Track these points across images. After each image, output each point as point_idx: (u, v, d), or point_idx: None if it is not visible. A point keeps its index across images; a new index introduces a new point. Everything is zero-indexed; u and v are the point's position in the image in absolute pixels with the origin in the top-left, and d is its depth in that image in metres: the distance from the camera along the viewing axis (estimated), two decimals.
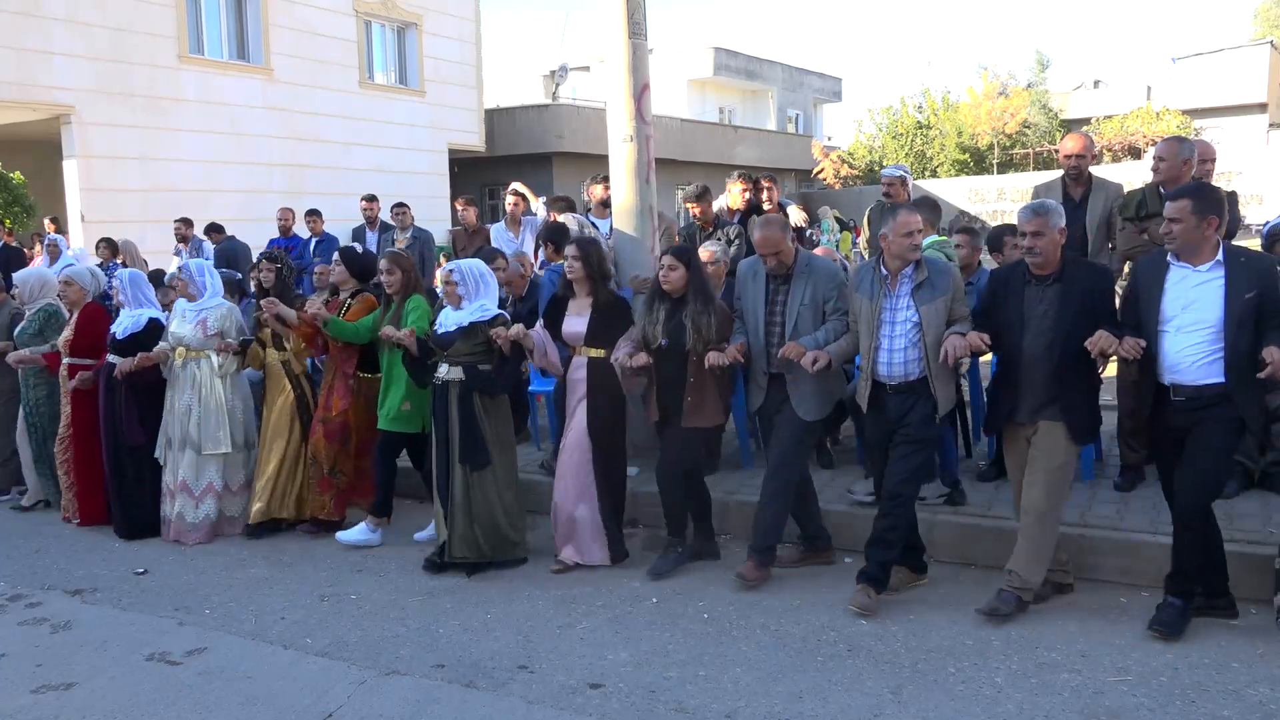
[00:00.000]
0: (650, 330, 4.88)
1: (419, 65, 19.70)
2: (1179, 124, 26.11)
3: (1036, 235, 4.13)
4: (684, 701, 3.68)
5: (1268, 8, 43.19)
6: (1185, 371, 3.92)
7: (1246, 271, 3.88)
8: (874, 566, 4.40)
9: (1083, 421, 4.20)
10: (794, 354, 4.46)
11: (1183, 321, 3.92)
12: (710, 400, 4.88)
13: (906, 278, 4.36)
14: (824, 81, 37.88)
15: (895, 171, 6.79)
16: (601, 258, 5.16)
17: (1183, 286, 3.95)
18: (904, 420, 4.38)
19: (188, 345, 5.88)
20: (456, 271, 5.17)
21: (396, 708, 3.72)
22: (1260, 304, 3.83)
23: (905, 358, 4.34)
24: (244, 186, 15.63)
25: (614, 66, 6.20)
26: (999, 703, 3.57)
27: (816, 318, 4.67)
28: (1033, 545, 4.20)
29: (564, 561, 5.09)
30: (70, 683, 4.03)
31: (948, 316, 4.32)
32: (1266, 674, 3.68)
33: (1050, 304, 4.15)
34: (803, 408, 4.67)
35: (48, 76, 13.61)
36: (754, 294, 4.79)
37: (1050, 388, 4.14)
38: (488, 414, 5.10)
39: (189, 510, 5.81)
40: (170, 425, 5.89)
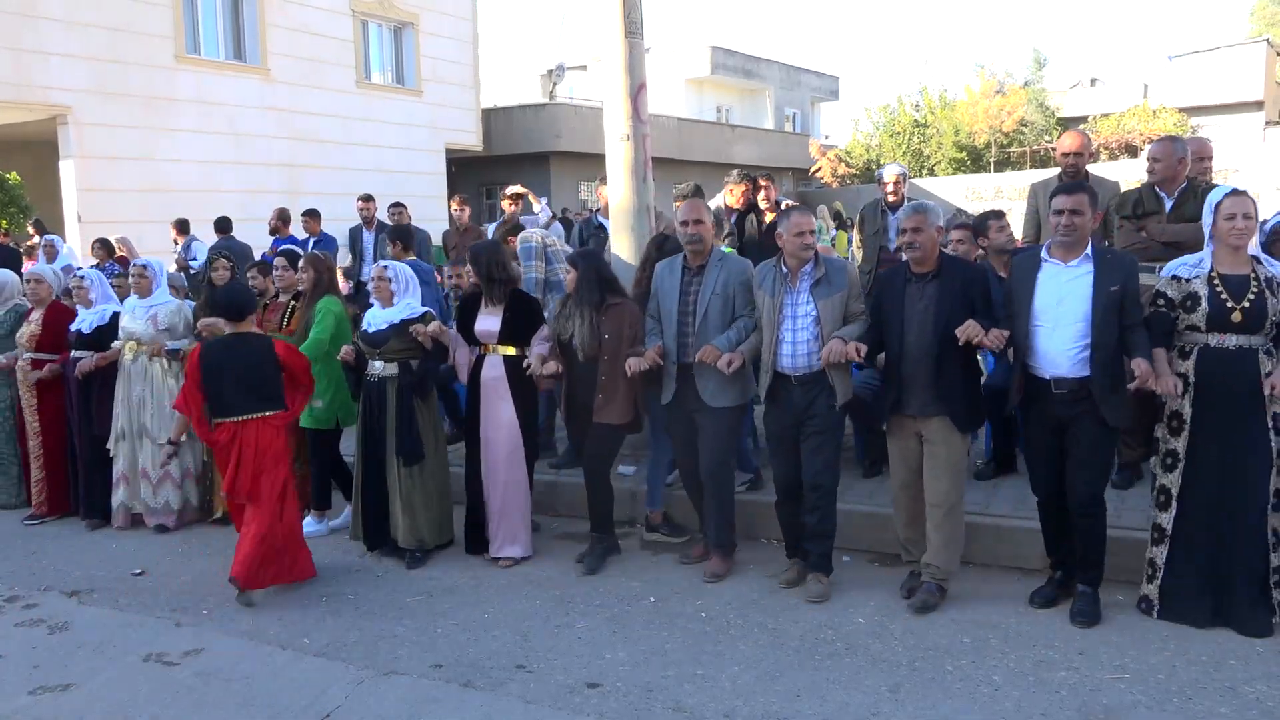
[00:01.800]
0: (561, 325, 5.14)
1: (416, 65, 19.67)
2: (1176, 122, 26.11)
3: (916, 232, 4.31)
4: (682, 701, 3.68)
5: (1264, 6, 43.21)
6: (1061, 365, 4.09)
7: (1112, 266, 4.09)
8: (817, 558, 4.66)
9: (965, 412, 4.37)
10: (709, 357, 4.63)
11: (1056, 316, 4.11)
12: (621, 397, 5.01)
13: (806, 275, 4.56)
14: (821, 80, 37.87)
15: (898, 169, 6.81)
16: (494, 262, 5.27)
17: (1055, 282, 4.14)
18: (809, 411, 4.57)
19: (139, 340, 6.17)
20: (391, 269, 5.39)
21: (394, 708, 3.72)
22: (1123, 297, 4.03)
23: (807, 349, 4.52)
24: (241, 186, 15.60)
25: (611, 66, 6.20)
26: (997, 701, 3.57)
27: (726, 308, 4.81)
28: (946, 535, 4.39)
29: (512, 557, 5.26)
30: (68, 684, 4.03)
31: (844, 312, 4.53)
32: (1263, 671, 3.69)
33: (929, 300, 4.33)
34: (710, 395, 4.82)
35: (44, 76, 13.58)
36: (670, 287, 4.95)
37: (934, 382, 4.32)
38: (421, 409, 5.29)
39: (149, 496, 6.13)
40: (122, 416, 6.14)
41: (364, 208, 10.35)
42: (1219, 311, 3.98)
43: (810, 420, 4.57)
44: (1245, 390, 3.97)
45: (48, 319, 6.46)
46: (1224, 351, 4.00)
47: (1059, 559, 4.42)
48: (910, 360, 4.36)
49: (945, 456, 4.36)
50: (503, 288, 5.28)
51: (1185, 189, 5.22)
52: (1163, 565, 4.17)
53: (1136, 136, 25.65)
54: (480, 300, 5.37)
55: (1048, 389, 4.16)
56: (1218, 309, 3.98)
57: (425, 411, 5.35)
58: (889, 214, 6.70)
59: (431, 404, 5.45)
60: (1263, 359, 3.98)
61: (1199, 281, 4.05)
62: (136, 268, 6.35)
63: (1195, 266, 4.11)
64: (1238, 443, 4.00)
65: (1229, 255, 4.03)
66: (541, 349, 5.18)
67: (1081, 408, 4.09)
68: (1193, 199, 5.15)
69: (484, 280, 5.28)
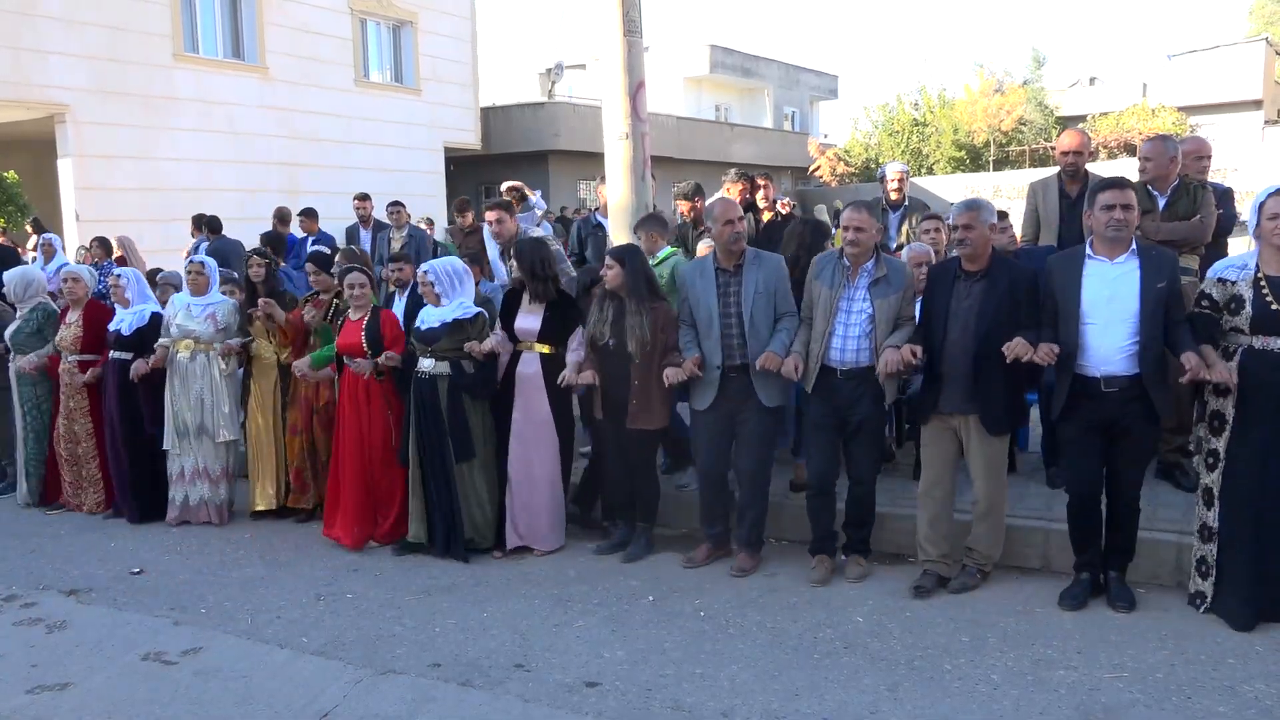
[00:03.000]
0: (598, 329, 5.08)
1: (415, 63, 19.66)
2: (1175, 121, 26.12)
3: (968, 229, 4.32)
4: (680, 699, 3.68)
5: (1263, 5, 43.20)
6: (1113, 364, 4.07)
7: (1158, 262, 4.08)
8: (857, 542, 4.82)
9: (999, 414, 4.40)
10: (773, 365, 4.63)
11: (1107, 314, 4.07)
12: (656, 403, 5.00)
13: (866, 272, 4.58)
14: (820, 79, 37.86)
15: (900, 167, 6.82)
16: (539, 258, 5.27)
17: (1103, 279, 4.11)
18: (855, 408, 4.60)
19: (198, 338, 6.11)
20: (431, 272, 5.30)
21: (393, 707, 3.71)
22: (1169, 294, 4.04)
23: (857, 345, 4.54)
24: (240, 185, 15.59)
25: (610, 64, 6.20)
26: (995, 700, 3.57)
27: (769, 307, 4.80)
28: (988, 528, 4.53)
29: (545, 549, 5.34)
30: (66, 683, 4.02)
31: (899, 312, 4.55)
32: (1261, 670, 3.69)
33: (975, 299, 4.34)
34: (764, 393, 4.80)
35: (43, 75, 13.56)
36: (704, 290, 4.87)
37: (972, 381, 4.34)
38: (473, 408, 5.27)
39: (209, 493, 6.16)
40: (181, 415, 6.12)
41: (360, 206, 10.34)
42: (1264, 314, 3.91)
43: (855, 416, 4.60)
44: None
45: (87, 319, 6.44)
46: (1269, 354, 3.93)
47: (1086, 560, 4.37)
48: (950, 358, 4.37)
49: (986, 455, 4.41)
50: (547, 285, 5.27)
51: (1178, 187, 5.22)
52: (1214, 563, 4.13)
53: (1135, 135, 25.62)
54: (521, 296, 5.35)
55: (1097, 387, 4.11)
56: (1262, 311, 3.91)
57: (476, 410, 5.30)
58: (890, 213, 6.70)
59: (484, 404, 5.37)
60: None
61: (1244, 284, 3.98)
62: (194, 265, 6.30)
63: (1241, 269, 4.03)
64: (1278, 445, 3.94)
65: (1275, 256, 3.96)
66: (577, 355, 5.17)
67: (1132, 406, 4.07)
68: (1185, 197, 5.15)
69: (528, 277, 5.26)
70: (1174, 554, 4.50)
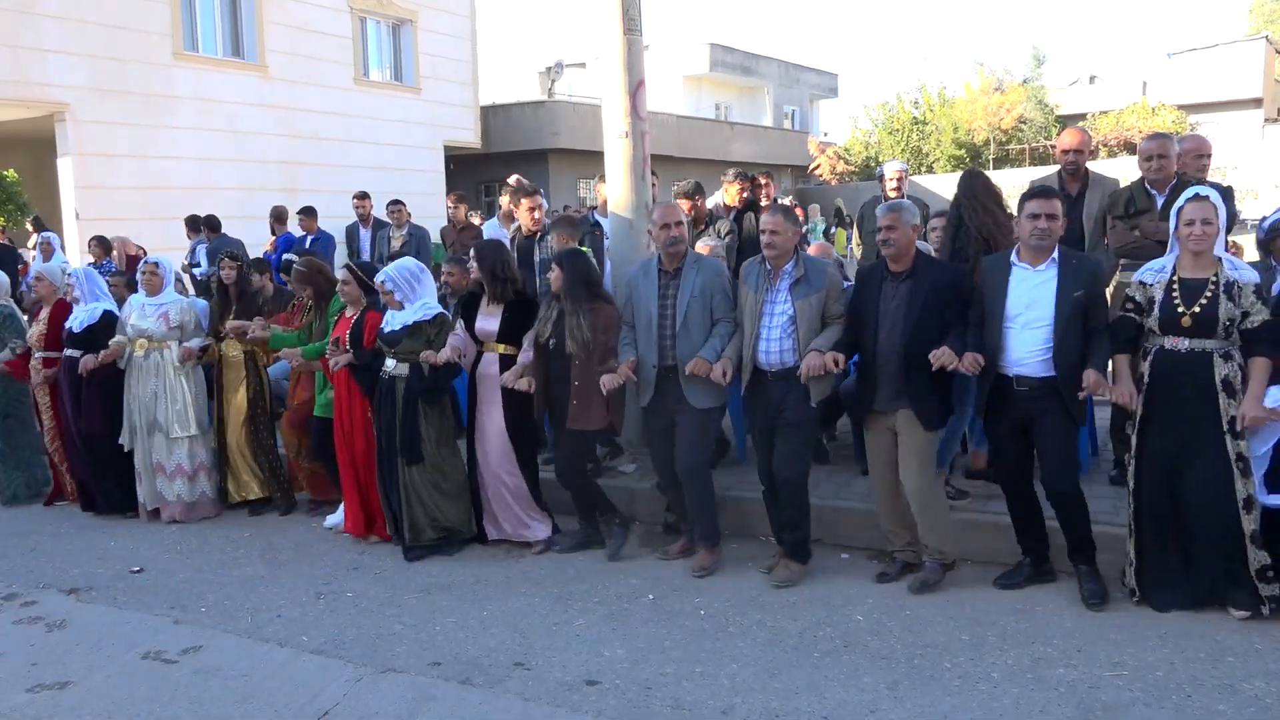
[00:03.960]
0: (541, 328, 5.16)
1: (415, 62, 19.63)
2: (1174, 119, 26.11)
3: (890, 229, 4.43)
4: (680, 698, 3.68)
5: (1263, 3, 43.17)
6: (1027, 365, 4.23)
7: (1077, 271, 4.20)
8: (790, 545, 4.80)
9: (931, 410, 4.48)
10: (701, 370, 4.70)
11: (1026, 319, 4.23)
12: (596, 404, 5.01)
13: (786, 274, 4.66)
14: (820, 77, 37.84)
15: (900, 165, 6.81)
16: (499, 261, 5.34)
17: (1025, 286, 4.26)
18: (783, 405, 4.65)
19: (150, 336, 6.21)
20: (388, 280, 5.35)
21: (392, 705, 3.71)
22: (1088, 301, 4.17)
23: (780, 347, 4.61)
24: (239, 184, 15.58)
25: (609, 63, 6.19)
26: (995, 698, 3.57)
27: (705, 311, 4.86)
28: (930, 521, 4.55)
29: (537, 540, 5.38)
30: (65, 681, 4.02)
31: (823, 313, 4.63)
32: (1261, 668, 3.69)
33: (902, 299, 4.45)
34: (693, 395, 4.86)
35: (42, 74, 13.55)
36: (646, 291, 4.96)
37: (903, 379, 4.43)
38: (429, 410, 5.33)
39: (168, 491, 6.22)
40: (135, 412, 6.21)
41: (360, 205, 10.34)
42: (1170, 315, 4.06)
43: (783, 414, 4.67)
44: (1195, 392, 4.04)
45: (52, 317, 6.56)
46: (1176, 354, 4.08)
47: (1028, 545, 4.57)
48: (882, 357, 4.48)
49: (912, 448, 4.49)
50: (505, 287, 5.31)
51: (1176, 185, 5.21)
52: (1133, 556, 4.28)
53: (1135, 134, 25.62)
54: (480, 298, 5.42)
55: (1010, 386, 4.29)
56: (1169, 313, 4.06)
57: (434, 412, 5.35)
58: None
59: (443, 405, 5.45)
60: (1217, 362, 4.02)
61: (1159, 286, 4.13)
62: (148, 265, 6.36)
63: (1159, 272, 4.18)
64: (1188, 443, 4.07)
65: (1190, 260, 4.09)
66: (525, 357, 5.23)
67: (1045, 404, 4.23)
68: None
69: (488, 279, 5.31)
70: None
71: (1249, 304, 3.98)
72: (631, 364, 4.89)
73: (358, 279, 5.65)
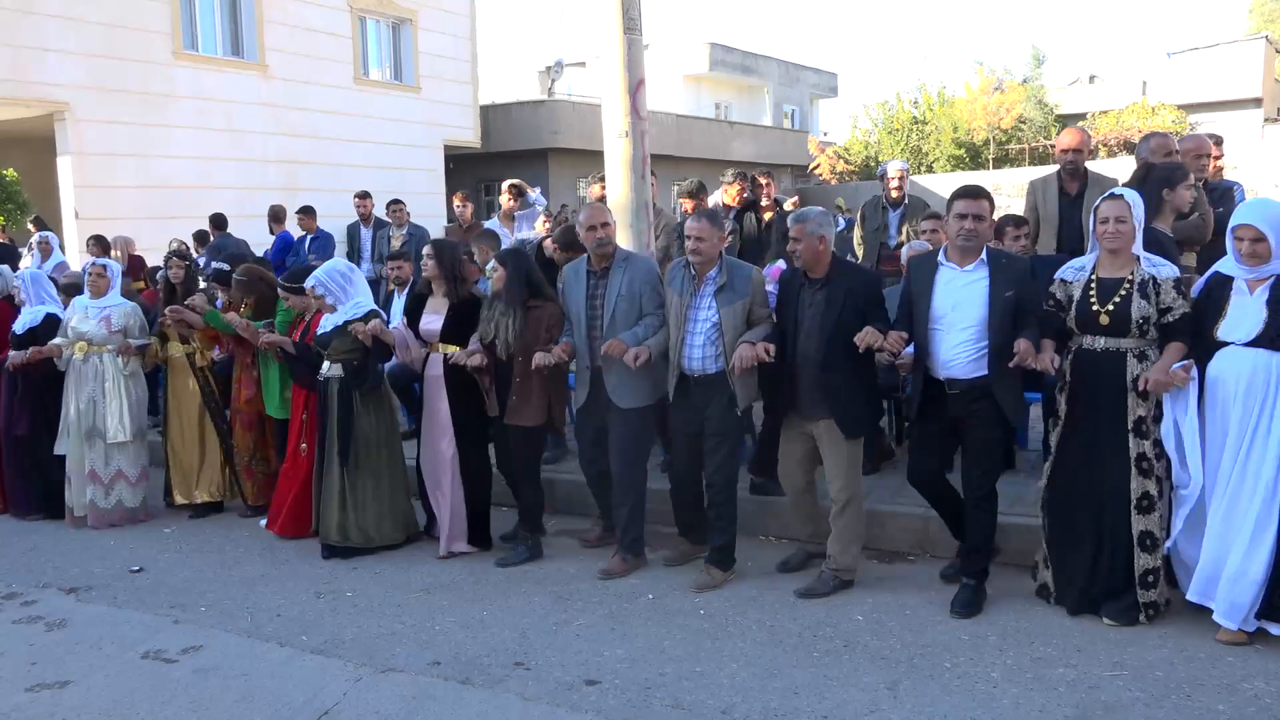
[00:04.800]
0: (484, 328, 5.14)
1: (414, 61, 19.62)
2: (1174, 119, 26.10)
3: (795, 240, 4.49)
4: (680, 698, 3.68)
5: (1262, 2, 43.16)
6: (955, 367, 4.22)
7: (1007, 271, 4.20)
8: (714, 552, 4.79)
9: (852, 417, 4.49)
10: (616, 351, 4.67)
11: (952, 320, 4.22)
12: (535, 399, 5.02)
13: (710, 279, 4.67)
14: (820, 77, 37.82)
15: (901, 165, 6.82)
16: (456, 259, 5.35)
17: (952, 286, 4.25)
18: (707, 412, 4.68)
19: (90, 340, 6.18)
20: (318, 285, 5.40)
21: (392, 705, 3.71)
22: (1019, 302, 4.16)
23: (701, 354, 4.63)
24: (239, 183, 15.56)
25: (609, 62, 6.18)
26: (995, 698, 3.57)
27: (632, 309, 4.87)
28: (842, 530, 4.56)
29: (452, 550, 5.34)
30: (65, 681, 4.02)
31: (747, 318, 4.62)
32: (1261, 668, 3.69)
33: (819, 306, 4.47)
34: (617, 394, 4.85)
35: (41, 72, 13.53)
36: (576, 291, 5.02)
37: (823, 385, 4.45)
38: (366, 409, 5.37)
39: (100, 497, 6.14)
40: (71, 416, 6.17)
41: (361, 205, 10.34)
42: (1085, 314, 4.09)
43: (708, 421, 4.68)
44: (1108, 391, 4.06)
45: (0, 319, 6.58)
46: (1092, 353, 4.11)
47: (959, 539, 4.61)
48: (801, 362, 4.50)
49: (835, 456, 4.51)
50: (457, 286, 5.32)
51: None
52: (1047, 556, 4.34)
53: (1135, 133, 25.61)
54: (426, 299, 5.42)
55: (942, 389, 4.30)
56: (1084, 311, 4.09)
57: (371, 412, 5.40)
58: (890, 210, 6.71)
59: (380, 403, 5.49)
60: (1131, 361, 4.03)
61: (1078, 285, 4.15)
62: (96, 267, 6.38)
63: (1080, 270, 4.19)
64: (1099, 442, 4.10)
65: (1109, 259, 4.11)
66: (475, 346, 5.21)
67: (976, 406, 4.23)
68: None
69: (447, 276, 5.28)
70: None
71: (1170, 299, 3.99)
72: (565, 346, 4.91)
73: (288, 289, 5.73)
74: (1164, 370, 3.91)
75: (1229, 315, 3.92)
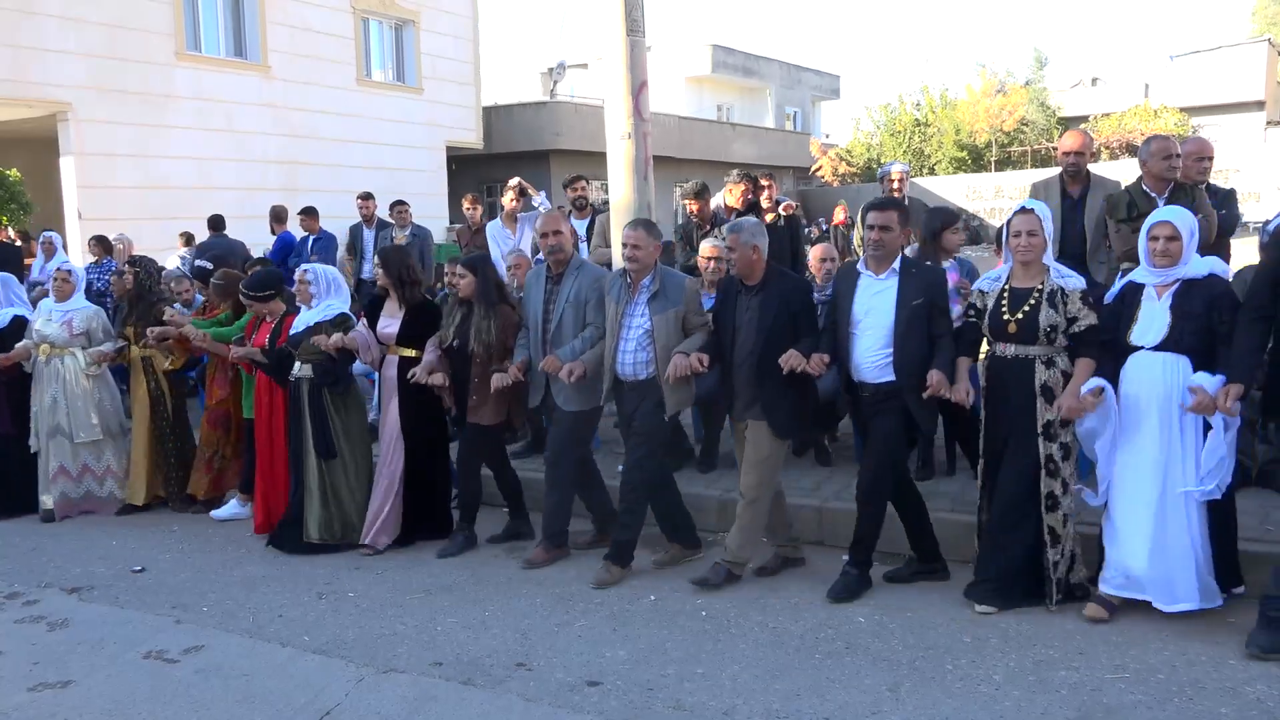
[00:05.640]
0: (445, 333, 5.34)
1: (416, 62, 19.64)
2: (1177, 121, 26.13)
3: (730, 250, 4.66)
4: (682, 699, 3.68)
5: (1265, 6, 43.19)
6: (867, 371, 4.44)
7: (917, 280, 4.39)
8: (615, 546, 4.93)
9: (783, 419, 4.62)
10: (552, 368, 4.91)
11: (866, 326, 4.44)
12: (493, 400, 5.21)
13: (644, 288, 4.81)
14: (822, 79, 37.85)
15: (899, 167, 6.81)
16: (404, 266, 5.52)
17: (867, 293, 4.47)
18: (636, 414, 4.84)
19: (52, 343, 6.34)
20: (311, 273, 5.69)
21: (394, 705, 3.71)
22: (930, 309, 4.35)
23: (634, 359, 4.78)
24: (240, 184, 15.58)
25: (612, 64, 6.19)
26: (997, 700, 3.57)
27: (578, 316, 5.05)
28: (743, 524, 4.70)
29: (374, 546, 5.48)
30: (67, 680, 4.02)
31: (681, 326, 4.76)
32: (1263, 671, 3.68)
33: (754, 311, 4.62)
34: (560, 398, 5.05)
35: (43, 73, 13.55)
36: (535, 295, 5.21)
37: (757, 388, 4.59)
38: (337, 408, 5.55)
39: (71, 489, 6.38)
40: (39, 417, 6.37)
41: (364, 206, 10.34)
42: (997, 322, 4.28)
43: (633, 421, 4.86)
44: (1019, 396, 4.23)
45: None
46: (1004, 359, 4.31)
47: (914, 542, 4.73)
48: (737, 367, 4.65)
49: (755, 455, 4.64)
50: (410, 290, 5.49)
51: (1175, 188, 5.21)
52: (979, 553, 4.49)
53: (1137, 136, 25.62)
54: (384, 302, 5.60)
55: (857, 391, 4.53)
56: (996, 320, 4.29)
57: (344, 411, 5.57)
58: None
59: (350, 400, 5.66)
60: (1039, 368, 4.21)
61: (993, 295, 4.34)
62: (60, 272, 6.51)
63: (995, 280, 4.39)
64: (1013, 444, 4.27)
65: (1022, 270, 4.30)
66: (432, 356, 5.37)
67: (882, 408, 4.44)
68: (1184, 198, 5.14)
69: (395, 283, 5.47)
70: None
71: (1076, 309, 4.16)
72: (521, 365, 5.12)
73: (255, 299, 5.86)
74: (1074, 395, 4.09)
75: (1139, 321, 4.12)
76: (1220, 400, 3.81)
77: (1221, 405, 3.81)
